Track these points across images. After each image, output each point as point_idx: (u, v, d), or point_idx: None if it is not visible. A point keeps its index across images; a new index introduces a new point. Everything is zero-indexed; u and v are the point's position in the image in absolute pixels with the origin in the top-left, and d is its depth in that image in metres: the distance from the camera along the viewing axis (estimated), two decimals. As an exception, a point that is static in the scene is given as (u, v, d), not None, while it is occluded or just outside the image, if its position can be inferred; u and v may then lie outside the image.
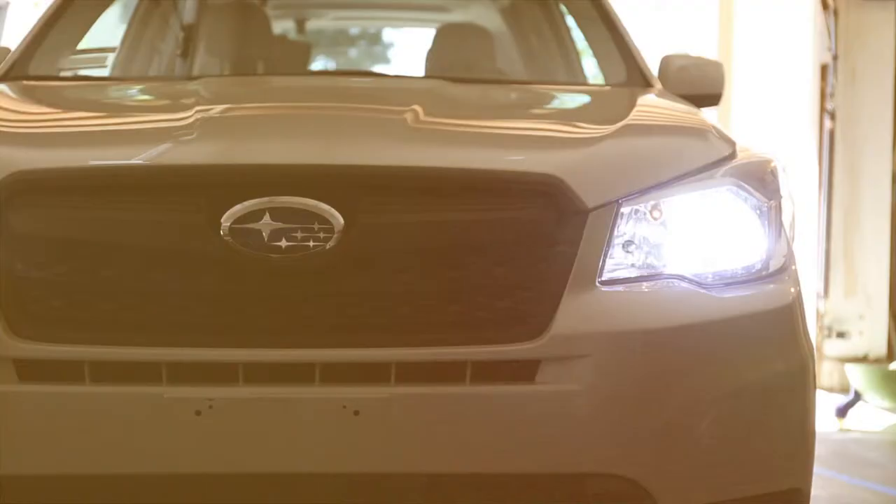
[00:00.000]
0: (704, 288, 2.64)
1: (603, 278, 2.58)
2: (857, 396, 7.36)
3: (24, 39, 3.95)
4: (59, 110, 3.31)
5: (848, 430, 7.05)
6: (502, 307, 2.51)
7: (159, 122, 2.87)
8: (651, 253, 2.64)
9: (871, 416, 7.34)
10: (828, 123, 8.05)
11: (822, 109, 8.19)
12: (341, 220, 2.48)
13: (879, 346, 8.10)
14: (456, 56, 4.56)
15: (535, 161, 2.65)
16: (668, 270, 2.64)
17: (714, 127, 3.00)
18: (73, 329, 2.47)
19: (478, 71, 4.41)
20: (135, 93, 3.70)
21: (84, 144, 2.76)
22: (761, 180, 2.80)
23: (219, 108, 2.98)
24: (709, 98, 3.90)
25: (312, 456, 2.44)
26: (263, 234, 2.47)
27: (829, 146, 8.06)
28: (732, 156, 2.85)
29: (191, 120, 2.73)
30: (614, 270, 2.60)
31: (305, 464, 2.45)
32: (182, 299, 2.48)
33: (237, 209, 2.47)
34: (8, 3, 11.64)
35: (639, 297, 2.58)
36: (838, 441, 6.66)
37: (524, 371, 2.49)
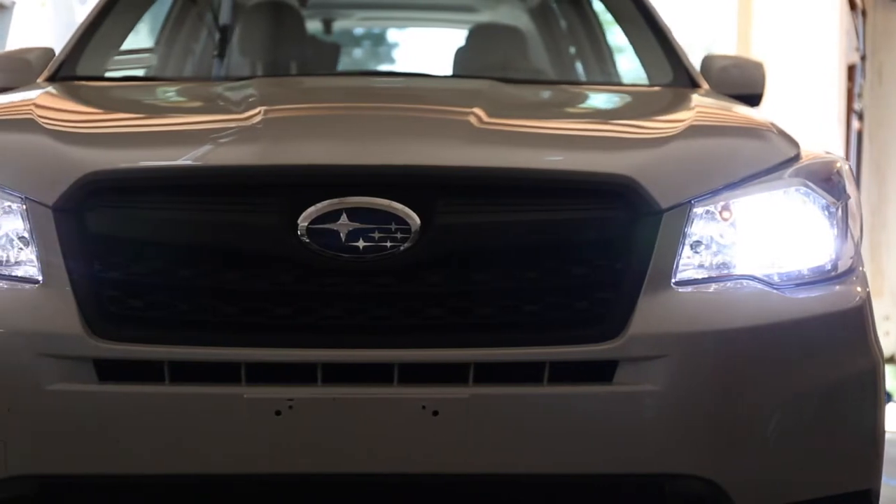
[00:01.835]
0: (776, 288, 2.64)
1: (676, 279, 2.58)
2: (889, 398, 7.35)
3: (70, 40, 3.97)
4: (121, 111, 3.32)
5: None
6: (579, 308, 2.52)
7: (226, 122, 2.86)
8: (722, 253, 2.65)
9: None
10: (855, 124, 8.04)
11: (850, 110, 8.19)
12: (418, 221, 2.48)
13: (906, 347, 8.09)
14: (491, 56, 4.57)
15: (608, 161, 2.66)
16: (738, 271, 2.65)
17: (778, 127, 3.01)
18: (152, 329, 2.48)
19: (513, 71, 4.42)
20: (191, 93, 3.71)
21: (156, 144, 2.77)
22: (828, 180, 2.81)
23: (283, 108, 2.99)
24: (749, 98, 3.91)
25: (392, 456, 2.45)
26: (341, 234, 2.48)
27: (856, 146, 8.06)
28: (798, 156, 2.85)
29: (257, 120, 2.73)
30: (687, 271, 2.61)
31: (385, 464, 2.45)
32: (260, 300, 2.49)
33: (314, 210, 2.48)
34: (14, 3, 11.63)
35: (714, 298, 2.59)
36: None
37: (602, 371, 2.50)
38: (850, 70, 8.25)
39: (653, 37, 4.17)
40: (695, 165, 2.69)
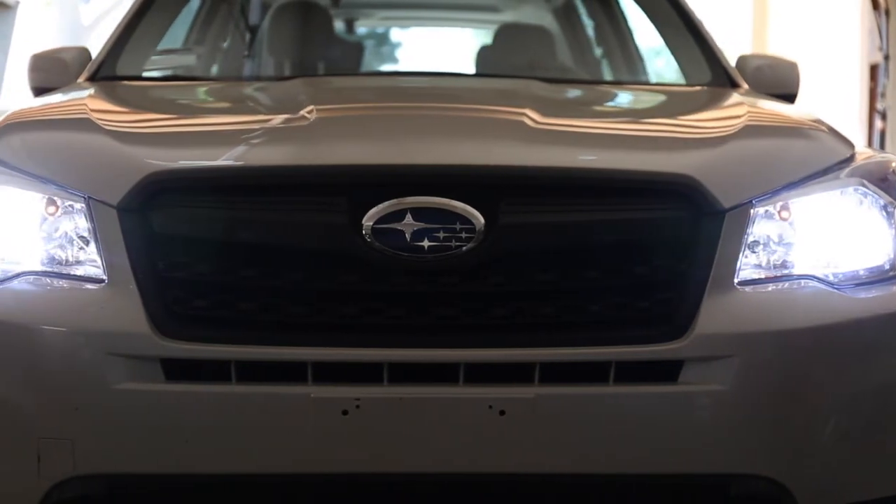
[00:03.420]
0: (836, 288, 2.64)
1: (739, 279, 2.58)
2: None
3: (109, 40, 3.98)
4: (175, 111, 3.32)
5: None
6: (644, 307, 2.52)
7: (286, 121, 2.86)
8: (782, 253, 2.65)
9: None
10: (878, 123, 8.04)
11: (873, 109, 8.18)
12: (482, 221, 2.48)
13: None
14: (519, 56, 4.58)
15: (670, 161, 2.66)
16: (798, 271, 2.65)
17: (831, 127, 3.01)
18: (219, 329, 2.48)
19: (542, 70, 4.42)
20: (240, 92, 3.71)
21: (218, 144, 2.77)
22: (885, 180, 2.81)
23: (340, 108, 3.00)
24: (784, 98, 3.91)
25: (459, 456, 2.45)
26: (406, 234, 2.47)
27: (879, 146, 8.05)
28: (853, 156, 2.86)
29: (317, 119, 2.74)
30: (748, 270, 2.61)
31: (452, 464, 2.45)
32: (326, 299, 2.49)
33: (378, 209, 2.48)
34: (18, 3, 11.65)
35: (778, 297, 2.59)
36: None
37: (667, 371, 2.50)
38: (873, 69, 8.25)
39: (690, 36, 4.17)
40: (754, 165, 2.70)
